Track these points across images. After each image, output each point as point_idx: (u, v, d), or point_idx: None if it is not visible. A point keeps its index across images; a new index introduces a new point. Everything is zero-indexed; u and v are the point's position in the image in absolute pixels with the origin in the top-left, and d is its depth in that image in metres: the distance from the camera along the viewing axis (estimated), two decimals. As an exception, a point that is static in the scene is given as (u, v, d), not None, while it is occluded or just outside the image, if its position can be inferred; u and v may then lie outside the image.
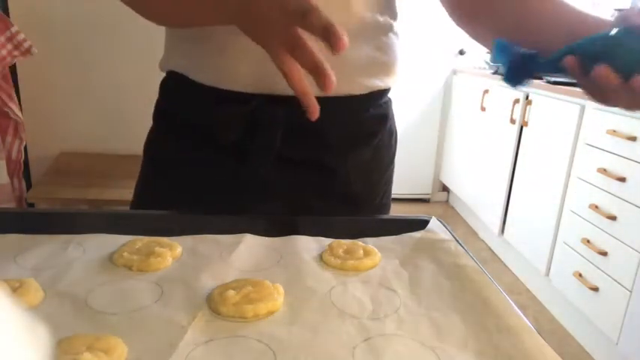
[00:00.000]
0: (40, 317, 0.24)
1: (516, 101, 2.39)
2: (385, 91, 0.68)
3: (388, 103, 0.70)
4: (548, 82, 2.23)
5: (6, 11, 1.85)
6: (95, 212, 0.56)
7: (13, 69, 1.84)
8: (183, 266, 0.45)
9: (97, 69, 2.04)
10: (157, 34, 0.67)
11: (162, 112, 0.69)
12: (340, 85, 0.61)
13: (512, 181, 2.45)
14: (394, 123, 0.72)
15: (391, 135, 0.72)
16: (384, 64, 0.65)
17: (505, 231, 2.51)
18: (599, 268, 1.74)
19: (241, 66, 0.59)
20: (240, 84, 0.60)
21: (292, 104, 0.59)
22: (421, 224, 0.55)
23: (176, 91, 0.66)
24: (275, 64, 0.46)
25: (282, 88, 0.58)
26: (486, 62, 2.88)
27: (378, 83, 0.65)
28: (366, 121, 0.66)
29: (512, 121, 2.42)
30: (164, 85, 0.68)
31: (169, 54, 0.66)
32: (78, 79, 2.04)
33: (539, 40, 0.53)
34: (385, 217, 0.65)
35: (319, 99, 0.60)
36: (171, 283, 0.42)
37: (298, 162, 0.63)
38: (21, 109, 1.73)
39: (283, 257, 0.47)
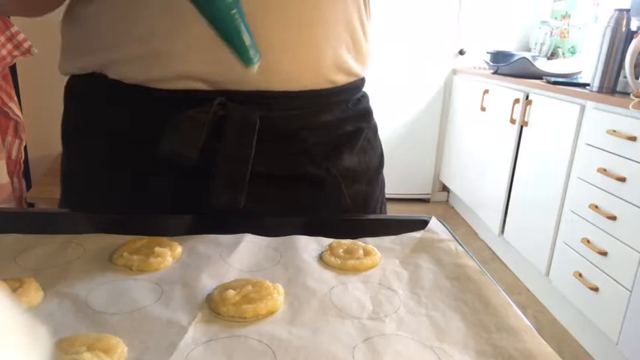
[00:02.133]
0: (40, 317, 0.24)
1: (516, 101, 2.39)
2: (362, 81, 0.59)
3: (367, 97, 0.62)
4: (548, 82, 2.24)
5: (6, 11, 1.85)
6: (95, 212, 0.56)
7: (13, 69, 1.84)
8: (183, 266, 0.45)
9: (97, 69, 2.04)
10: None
11: (78, 126, 0.55)
12: (316, 75, 0.51)
13: (512, 181, 2.45)
14: (374, 119, 0.64)
15: (375, 133, 0.63)
16: (360, 50, 0.56)
17: (505, 231, 2.51)
18: (599, 268, 1.74)
19: (192, 55, 0.46)
20: (191, 80, 0.48)
21: (268, 101, 0.49)
22: (421, 224, 0.55)
23: (95, 97, 0.52)
24: None
25: (255, 80, 0.45)
26: (486, 62, 2.88)
27: (358, 71, 0.57)
28: (347, 119, 0.58)
29: (512, 121, 2.42)
30: (74, 93, 0.55)
31: (76, 51, 0.54)
32: (78, 79, 2.04)
33: None
34: (385, 217, 0.65)
35: (293, 94, 0.50)
36: (171, 283, 0.42)
37: (276, 177, 0.53)
38: (21, 109, 1.73)
39: (283, 257, 0.47)
